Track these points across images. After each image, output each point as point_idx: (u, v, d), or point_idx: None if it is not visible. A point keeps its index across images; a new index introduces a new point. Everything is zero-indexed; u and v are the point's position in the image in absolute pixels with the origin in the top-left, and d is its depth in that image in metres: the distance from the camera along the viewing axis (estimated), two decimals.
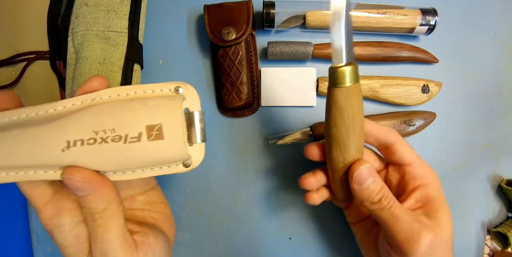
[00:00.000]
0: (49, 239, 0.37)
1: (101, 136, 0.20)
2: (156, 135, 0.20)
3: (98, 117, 0.20)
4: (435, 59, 0.38)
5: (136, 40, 0.34)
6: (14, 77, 0.33)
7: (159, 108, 0.21)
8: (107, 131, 0.20)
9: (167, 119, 0.20)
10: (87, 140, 0.20)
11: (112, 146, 0.20)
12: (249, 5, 0.35)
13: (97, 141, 0.20)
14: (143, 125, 0.20)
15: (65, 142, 0.20)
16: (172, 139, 0.21)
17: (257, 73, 0.37)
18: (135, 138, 0.20)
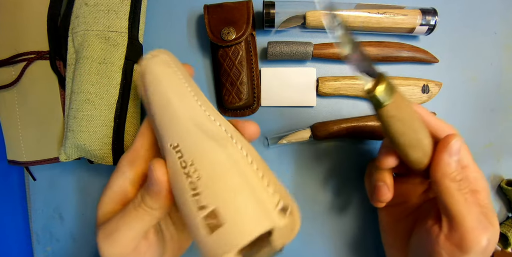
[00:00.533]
0: (49, 239, 0.37)
1: (189, 170, 0.20)
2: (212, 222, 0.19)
3: (208, 161, 0.20)
4: (435, 59, 0.38)
5: (136, 40, 0.34)
6: (14, 77, 0.33)
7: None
8: (196, 173, 0.20)
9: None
10: (182, 160, 0.21)
11: (184, 180, 0.21)
12: (249, 5, 0.35)
13: (185, 169, 0.20)
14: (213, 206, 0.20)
15: (176, 142, 0.22)
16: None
17: (257, 73, 0.37)
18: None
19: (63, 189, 0.37)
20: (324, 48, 0.36)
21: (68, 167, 0.37)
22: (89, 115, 0.31)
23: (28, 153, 0.34)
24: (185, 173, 0.20)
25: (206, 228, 0.18)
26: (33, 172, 0.37)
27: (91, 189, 0.37)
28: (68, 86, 0.33)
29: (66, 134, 0.32)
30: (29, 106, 0.34)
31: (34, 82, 0.34)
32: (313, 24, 0.35)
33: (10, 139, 0.34)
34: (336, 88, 0.36)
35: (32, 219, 0.37)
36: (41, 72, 0.34)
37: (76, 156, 0.32)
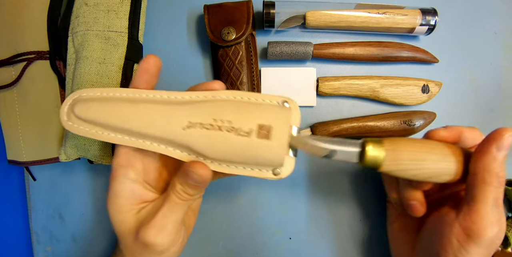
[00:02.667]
0: (49, 239, 0.37)
1: (218, 124, 0.23)
2: (265, 134, 0.23)
3: (220, 108, 0.23)
4: (435, 59, 0.38)
5: (136, 40, 0.34)
6: (14, 77, 0.33)
7: (272, 112, 0.23)
8: (225, 121, 0.23)
9: (276, 123, 0.23)
10: (205, 124, 0.23)
11: (224, 135, 0.23)
12: (249, 5, 0.35)
13: (214, 127, 0.23)
14: (256, 123, 0.23)
15: (187, 121, 0.23)
16: (277, 142, 0.23)
17: (257, 73, 0.37)
18: (245, 133, 0.23)
19: (63, 189, 0.37)
20: (324, 48, 0.36)
21: (68, 167, 0.37)
22: None
23: (28, 153, 0.34)
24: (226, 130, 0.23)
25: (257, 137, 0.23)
26: (33, 172, 0.37)
27: (91, 189, 0.37)
28: (68, 86, 0.33)
29: (66, 134, 0.32)
30: (29, 106, 0.34)
31: (34, 82, 0.34)
32: (313, 24, 0.35)
33: (10, 139, 0.34)
34: (336, 88, 0.36)
35: (32, 219, 0.37)
36: (41, 72, 0.34)
37: (76, 156, 0.32)
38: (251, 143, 0.23)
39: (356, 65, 0.38)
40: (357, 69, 0.38)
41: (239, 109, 0.23)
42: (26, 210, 0.38)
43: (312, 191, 0.37)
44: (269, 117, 0.23)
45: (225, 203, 0.37)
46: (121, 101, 0.25)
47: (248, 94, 0.25)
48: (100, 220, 0.37)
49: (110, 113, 0.24)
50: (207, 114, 0.23)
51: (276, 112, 0.24)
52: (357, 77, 0.36)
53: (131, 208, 0.26)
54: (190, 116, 0.23)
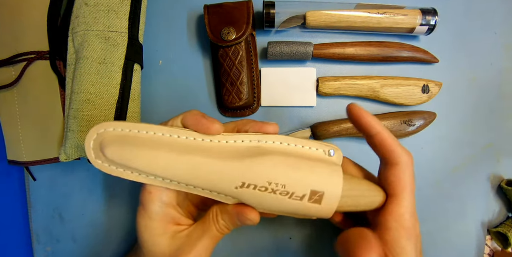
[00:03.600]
0: (49, 239, 0.37)
1: (272, 188, 0.23)
2: (316, 199, 0.24)
3: (273, 170, 0.23)
4: (435, 59, 0.38)
5: (136, 40, 0.34)
6: (14, 77, 0.33)
7: (325, 177, 0.24)
8: (279, 185, 0.23)
9: (328, 189, 0.24)
10: (259, 187, 0.23)
11: (278, 197, 0.24)
12: (249, 5, 0.35)
13: (268, 190, 0.23)
14: (309, 189, 0.23)
15: (240, 182, 0.23)
16: (327, 207, 0.24)
17: (257, 73, 0.37)
18: (298, 197, 0.23)
19: (63, 189, 0.37)
20: (324, 48, 0.36)
21: (68, 167, 0.37)
22: (89, 115, 0.31)
23: (28, 153, 0.34)
24: (273, 192, 0.24)
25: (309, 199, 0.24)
26: (33, 172, 0.37)
27: (91, 189, 0.37)
28: (68, 86, 0.33)
29: (66, 134, 0.32)
30: (29, 106, 0.34)
31: (34, 82, 0.34)
32: (313, 24, 0.35)
33: (10, 139, 0.34)
34: (336, 88, 0.36)
35: (32, 219, 0.37)
36: (41, 72, 0.34)
37: (76, 156, 0.32)
38: (303, 206, 0.24)
39: (356, 65, 0.38)
40: (357, 69, 0.38)
41: (293, 172, 0.23)
42: (26, 210, 0.38)
43: None
44: (322, 183, 0.24)
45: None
46: (161, 148, 0.23)
47: (294, 140, 0.25)
48: (100, 220, 0.37)
49: (150, 161, 0.23)
50: (261, 177, 0.23)
51: (330, 175, 0.24)
52: (357, 77, 0.36)
53: (165, 231, 0.26)
54: (244, 177, 0.23)
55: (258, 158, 0.24)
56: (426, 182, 0.38)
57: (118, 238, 0.37)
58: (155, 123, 0.25)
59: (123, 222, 0.37)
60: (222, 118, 0.37)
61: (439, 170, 0.38)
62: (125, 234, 0.37)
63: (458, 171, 0.38)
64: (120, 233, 0.37)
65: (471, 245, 0.38)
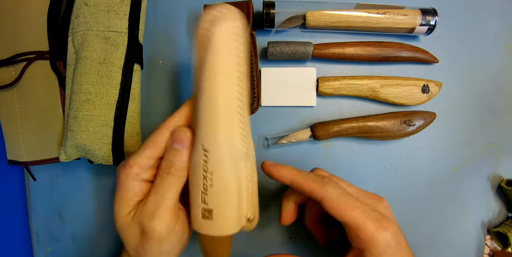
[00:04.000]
0: (49, 239, 0.37)
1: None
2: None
3: None
4: (435, 59, 0.38)
5: (136, 40, 0.34)
6: (14, 77, 0.33)
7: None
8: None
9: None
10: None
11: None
12: (249, 5, 0.34)
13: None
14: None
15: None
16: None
17: (257, 73, 0.37)
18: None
19: (63, 189, 0.37)
20: (324, 48, 0.36)
21: (68, 167, 0.37)
22: (89, 115, 0.31)
23: (28, 153, 0.34)
24: (203, 175, 0.25)
25: (201, 214, 0.25)
26: (33, 172, 0.37)
27: (91, 189, 0.37)
28: (68, 86, 0.33)
29: (66, 134, 0.32)
30: (29, 106, 0.34)
31: (34, 82, 0.34)
32: (313, 24, 0.35)
33: (10, 139, 0.34)
34: (336, 88, 0.36)
35: (32, 219, 0.37)
36: (41, 72, 0.34)
37: (76, 156, 0.32)
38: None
39: (356, 65, 0.38)
40: (357, 69, 0.38)
41: None
42: (26, 210, 0.38)
43: None
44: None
45: None
46: None
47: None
48: (100, 220, 0.37)
49: None
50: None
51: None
52: (357, 77, 0.36)
53: (134, 204, 0.26)
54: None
55: (230, 160, 0.25)
56: (426, 182, 0.38)
57: (118, 238, 0.37)
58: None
59: None
60: None
61: (439, 170, 0.38)
62: None
63: (458, 171, 0.38)
64: None
65: (471, 245, 0.38)
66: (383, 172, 0.38)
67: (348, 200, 0.25)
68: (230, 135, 0.25)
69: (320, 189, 0.26)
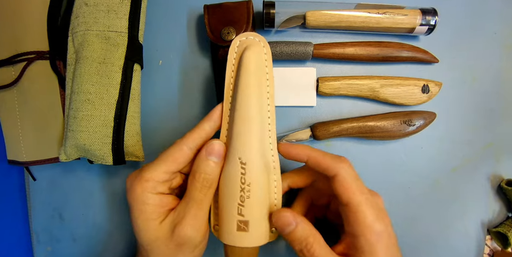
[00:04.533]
0: (49, 239, 0.37)
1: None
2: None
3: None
4: (435, 59, 0.38)
5: (136, 40, 0.34)
6: (14, 77, 0.33)
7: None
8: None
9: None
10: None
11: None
12: (249, 5, 0.35)
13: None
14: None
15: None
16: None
17: None
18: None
19: (63, 189, 0.37)
20: (324, 48, 0.36)
21: (68, 167, 0.37)
22: (89, 115, 0.31)
23: (28, 153, 0.34)
24: (241, 187, 0.27)
25: (236, 227, 0.27)
26: (33, 172, 0.37)
27: (91, 189, 0.37)
28: (68, 86, 0.33)
29: (66, 134, 0.32)
30: (29, 106, 0.34)
31: (34, 82, 0.34)
32: (313, 24, 0.35)
33: (10, 139, 0.34)
34: (336, 88, 0.36)
35: (32, 219, 0.37)
36: (41, 72, 0.34)
37: (76, 156, 0.32)
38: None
39: (356, 65, 0.38)
40: (357, 69, 0.38)
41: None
42: (26, 210, 0.38)
43: None
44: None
45: None
46: None
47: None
48: (100, 220, 0.37)
49: None
50: None
51: None
52: (357, 77, 0.36)
53: (157, 216, 0.26)
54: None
55: (264, 171, 0.28)
56: (426, 182, 0.38)
57: (118, 238, 0.37)
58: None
59: (123, 222, 0.37)
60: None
61: (439, 170, 0.38)
62: (125, 234, 0.37)
63: (458, 171, 0.38)
64: (120, 233, 0.37)
65: (471, 245, 0.38)
66: (383, 172, 0.38)
67: (359, 184, 0.26)
68: (264, 148, 0.28)
69: (336, 165, 0.27)
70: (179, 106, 0.37)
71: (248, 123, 0.27)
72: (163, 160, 0.27)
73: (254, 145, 0.27)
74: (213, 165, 0.27)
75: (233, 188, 0.27)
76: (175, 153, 0.27)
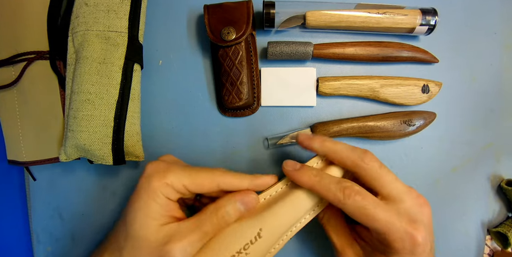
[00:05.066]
0: (49, 239, 0.37)
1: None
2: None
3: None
4: (435, 59, 0.38)
5: (136, 40, 0.34)
6: (14, 77, 0.33)
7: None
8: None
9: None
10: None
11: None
12: (249, 5, 0.35)
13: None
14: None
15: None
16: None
17: (257, 73, 0.37)
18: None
19: (63, 189, 0.37)
20: (324, 48, 0.36)
21: (68, 167, 0.37)
22: (89, 115, 0.31)
23: (28, 153, 0.34)
24: (239, 250, 0.27)
25: None
26: (33, 172, 0.37)
27: (91, 189, 0.37)
28: (68, 86, 0.33)
29: (66, 134, 0.32)
30: (29, 106, 0.34)
31: (34, 82, 0.34)
32: (313, 24, 0.35)
33: (10, 139, 0.34)
34: (336, 88, 0.36)
35: (32, 219, 0.37)
36: (41, 72, 0.34)
37: (76, 156, 0.32)
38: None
39: (356, 65, 0.38)
40: (357, 69, 0.38)
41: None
42: (26, 210, 0.38)
43: None
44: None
45: None
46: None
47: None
48: (100, 220, 0.37)
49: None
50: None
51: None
52: (357, 77, 0.36)
53: (159, 217, 0.26)
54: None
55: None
56: (426, 182, 0.38)
57: None
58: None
59: None
60: (222, 118, 0.37)
61: (439, 170, 0.38)
62: None
63: (458, 171, 0.38)
64: None
65: (471, 245, 0.38)
66: None
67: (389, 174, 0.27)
68: (288, 234, 0.29)
69: (339, 203, 0.26)
70: (179, 106, 0.37)
71: (294, 214, 0.28)
72: (192, 177, 0.27)
73: (281, 231, 0.28)
74: (238, 213, 0.27)
75: (232, 245, 0.27)
76: (205, 181, 0.27)
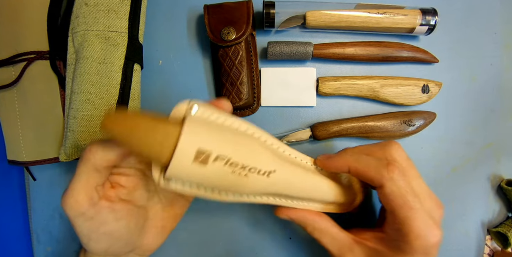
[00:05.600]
0: (49, 239, 0.37)
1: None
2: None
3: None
4: (435, 59, 0.38)
5: (136, 40, 0.34)
6: (14, 77, 0.33)
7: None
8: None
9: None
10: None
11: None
12: (249, 5, 0.35)
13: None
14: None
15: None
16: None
17: (257, 73, 0.37)
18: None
19: (63, 189, 0.37)
20: (324, 48, 0.36)
21: (68, 167, 0.37)
22: (89, 115, 0.31)
23: (28, 153, 0.34)
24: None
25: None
26: (33, 172, 0.37)
27: None
28: (68, 86, 0.33)
29: (66, 134, 0.32)
30: (29, 106, 0.34)
31: (34, 82, 0.34)
32: (313, 24, 0.35)
33: (10, 139, 0.34)
34: (336, 88, 0.36)
35: (32, 219, 0.37)
36: (41, 72, 0.34)
37: (76, 156, 0.32)
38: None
39: (356, 65, 0.38)
40: (357, 69, 0.38)
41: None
42: (26, 210, 0.38)
43: None
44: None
45: (226, 203, 0.37)
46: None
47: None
48: None
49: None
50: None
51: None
52: (357, 77, 0.36)
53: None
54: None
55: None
56: (426, 182, 0.38)
57: None
58: None
59: None
60: None
61: (439, 170, 0.38)
62: None
63: (458, 171, 0.38)
64: None
65: (471, 245, 0.38)
66: None
67: (408, 199, 0.25)
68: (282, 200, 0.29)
69: (382, 177, 0.25)
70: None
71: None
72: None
73: (285, 191, 0.27)
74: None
75: (246, 154, 0.24)
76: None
